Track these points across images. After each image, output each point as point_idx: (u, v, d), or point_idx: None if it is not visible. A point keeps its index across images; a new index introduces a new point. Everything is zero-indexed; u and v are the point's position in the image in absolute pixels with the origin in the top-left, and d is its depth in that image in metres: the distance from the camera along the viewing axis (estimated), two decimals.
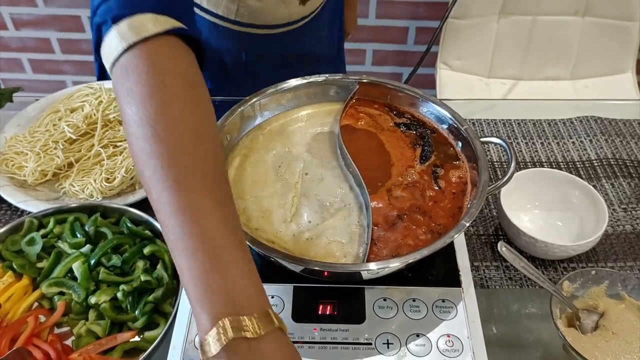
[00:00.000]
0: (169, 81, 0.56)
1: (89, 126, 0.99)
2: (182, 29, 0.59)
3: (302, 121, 0.88)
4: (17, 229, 0.84)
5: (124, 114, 0.56)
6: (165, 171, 0.52)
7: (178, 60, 0.59)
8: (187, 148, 0.54)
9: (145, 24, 0.57)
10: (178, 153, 0.53)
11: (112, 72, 0.58)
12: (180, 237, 0.51)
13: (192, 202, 0.51)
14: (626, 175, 1.01)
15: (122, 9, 0.57)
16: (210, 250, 0.50)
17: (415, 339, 0.68)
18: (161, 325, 0.74)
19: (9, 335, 0.71)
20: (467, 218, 0.68)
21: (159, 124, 0.53)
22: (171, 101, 0.55)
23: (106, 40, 0.58)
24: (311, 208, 0.75)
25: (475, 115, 1.15)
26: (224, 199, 0.55)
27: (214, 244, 0.51)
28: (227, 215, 0.53)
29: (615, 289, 0.75)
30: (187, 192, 0.52)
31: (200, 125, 0.56)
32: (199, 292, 0.49)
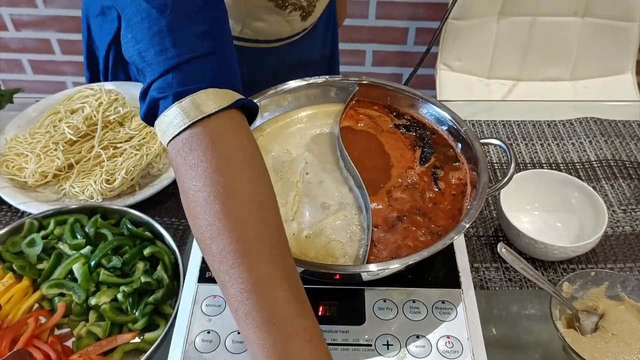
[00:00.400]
0: (233, 155, 0.57)
1: (89, 127, 0.99)
2: (240, 100, 0.60)
3: (302, 122, 0.89)
4: (17, 231, 0.84)
5: (186, 189, 0.56)
6: (234, 246, 0.53)
7: (238, 132, 0.59)
8: (255, 222, 0.55)
9: (207, 101, 0.57)
10: (247, 228, 0.54)
11: (171, 146, 0.58)
12: (252, 309, 0.51)
13: (261, 277, 0.52)
14: (626, 176, 1.01)
15: (184, 85, 0.57)
16: (280, 323, 0.51)
17: (415, 340, 0.68)
18: (161, 327, 0.74)
19: (9, 336, 0.72)
20: (467, 219, 0.68)
21: (228, 199, 0.54)
22: (238, 175, 0.56)
23: (166, 115, 0.57)
24: (312, 207, 0.75)
25: (475, 116, 1.16)
26: (290, 269, 0.55)
27: (284, 316, 0.52)
28: (293, 286, 0.54)
29: (615, 290, 0.76)
30: (256, 266, 0.53)
31: (265, 197, 0.57)
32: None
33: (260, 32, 1.03)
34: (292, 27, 1.06)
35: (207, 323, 0.69)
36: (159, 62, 0.58)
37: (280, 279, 0.53)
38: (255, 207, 0.55)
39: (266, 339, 0.51)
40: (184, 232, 0.90)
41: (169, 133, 0.57)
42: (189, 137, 0.56)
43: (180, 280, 0.76)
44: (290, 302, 0.53)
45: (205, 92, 0.57)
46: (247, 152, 0.59)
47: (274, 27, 1.03)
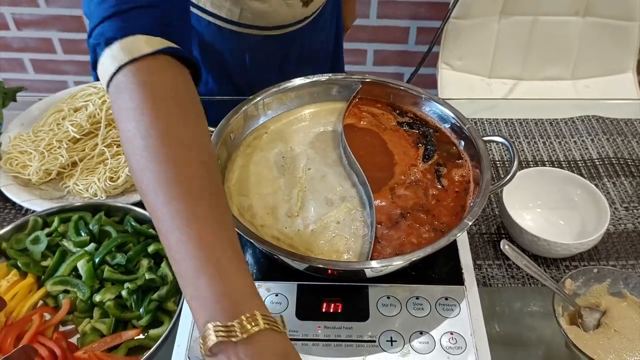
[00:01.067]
0: (158, 95, 0.58)
1: (93, 125, 1.00)
2: (173, 48, 0.61)
3: (306, 120, 0.89)
4: (21, 228, 0.84)
5: (120, 131, 0.58)
6: (158, 182, 0.54)
7: (166, 73, 0.60)
8: (178, 158, 0.56)
9: (137, 45, 0.58)
10: (170, 164, 0.55)
11: (108, 92, 0.60)
12: (177, 241, 0.53)
13: (183, 210, 0.53)
14: (628, 174, 1.01)
15: (115, 32, 0.59)
16: (204, 253, 0.52)
17: (419, 336, 0.68)
18: (165, 323, 0.75)
19: (14, 333, 0.72)
20: (470, 217, 0.69)
21: (150, 137, 0.55)
22: (161, 115, 0.57)
23: (100, 62, 0.59)
24: (316, 202, 0.76)
25: (477, 114, 1.16)
26: (216, 204, 0.56)
27: (207, 246, 0.53)
28: (220, 219, 0.55)
29: (617, 287, 0.76)
30: (179, 199, 0.54)
31: (191, 136, 0.58)
32: (191, 293, 0.52)
33: (260, 16, 1.03)
34: (293, 14, 1.06)
35: None
36: (98, 11, 0.60)
37: (204, 211, 0.54)
38: (178, 145, 0.56)
39: (190, 269, 0.52)
40: None
41: (105, 80, 0.59)
42: (118, 81, 0.58)
43: None
44: (214, 233, 0.54)
45: (135, 37, 0.59)
46: (175, 92, 0.59)
47: (274, 11, 1.03)
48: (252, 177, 0.80)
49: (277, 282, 0.73)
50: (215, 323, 0.50)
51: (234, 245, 0.55)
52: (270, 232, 0.73)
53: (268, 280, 0.73)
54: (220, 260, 0.53)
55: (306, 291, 0.72)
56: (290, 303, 0.71)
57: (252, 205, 0.75)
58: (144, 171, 0.55)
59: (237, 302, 0.51)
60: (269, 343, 0.51)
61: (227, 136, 0.81)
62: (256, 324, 0.50)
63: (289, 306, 0.71)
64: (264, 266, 0.75)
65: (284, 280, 0.73)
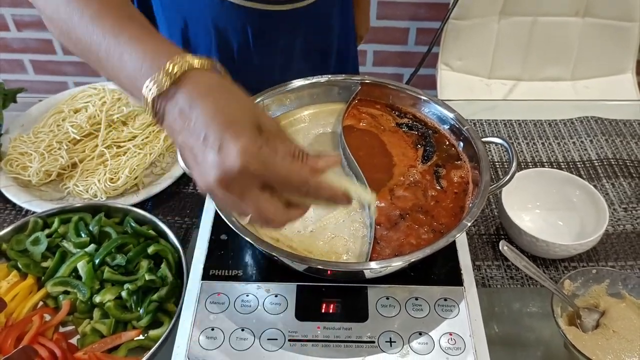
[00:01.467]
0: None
1: (93, 127, 1.00)
2: None
3: (305, 121, 0.89)
4: (21, 229, 0.85)
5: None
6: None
7: None
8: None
9: None
10: None
11: None
12: (99, 41, 0.56)
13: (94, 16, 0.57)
14: (626, 175, 1.02)
15: None
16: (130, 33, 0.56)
17: (418, 337, 0.68)
18: (165, 324, 0.75)
19: (14, 333, 0.72)
20: (469, 217, 0.69)
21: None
22: None
23: None
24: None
25: (477, 115, 1.16)
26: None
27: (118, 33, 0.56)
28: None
29: (616, 287, 0.76)
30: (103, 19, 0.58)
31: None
32: (123, 77, 0.55)
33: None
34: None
35: (210, 320, 0.70)
36: None
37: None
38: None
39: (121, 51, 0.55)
40: (188, 231, 0.91)
41: None
42: None
43: (184, 278, 0.77)
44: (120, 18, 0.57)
45: None
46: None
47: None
48: None
49: (277, 283, 0.73)
50: (146, 84, 0.51)
51: (143, 26, 0.58)
52: (269, 233, 0.73)
53: (267, 281, 0.73)
54: (133, 36, 0.55)
55: (305, 292, 0.72)
56: (290, 304, 0.71)
57: None
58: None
59: (160, 54, 0.53)
60: (205, 78, 0.52)
61: None
62: (184, 65, 0.51)
63: (288, 307, 0.71)
64: (264, 267, 0.75)
65: (284, 281, 0.73)
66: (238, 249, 0.77)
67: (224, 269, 0.75)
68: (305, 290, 0.72)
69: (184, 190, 0.98)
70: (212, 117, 0.50)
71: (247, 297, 0.72)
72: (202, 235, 0.79)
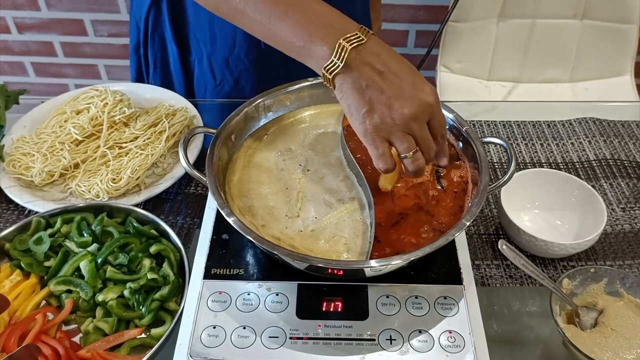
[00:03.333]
0: None
1: (95, 127, 1.01)
2: None
3: (306, 122, 0.90)
4: (24, 229, 0.85)
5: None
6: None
7: None
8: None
9: None
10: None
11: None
12: (268, 15, 0.67)
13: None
14: (624, 175, 1.02)
15: None
16: (294, 9, 0.66)
17: (418, 335, 0.69)
18: (167, 323, 0.76)
19: (18, 332, 0.73)
20: (468, 217, 0.70)
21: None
22: None
23: None
24: (316, 204, 0.77)
25: (476, 116, 1.17)
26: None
27: (293, 2, 0.67)
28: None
29: (614, 286, 0.77)
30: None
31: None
32: (303, 39, 0.66)
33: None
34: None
35: (212, 318, 0.70)
36: None
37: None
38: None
39: (292, 24, 0.66)
40: (189, 230, 0.91)
41: None
42: None
43: (186, 277, 0.77)
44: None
45: None
46: None
47: None
48: (252, 178, 0.81)
49: (278, 281, 0.74)
50: (344, 36, 0.64)
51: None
52: (270, 232, 0.73)
53: (269, 280, 0.74)
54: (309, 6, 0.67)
55: (306, 290, 0.73)
56: (291, 302, 0.72)
57: (253, 206, 0.76)
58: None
59: (343, 21, 0.67)
60: (380, 41, 0.67)
61: (228, 137, 0.82)
62: (367, 32, 0.66)
63: (289, 305, 0.71)
64: (265, 266, 0.76)
65: (285, 280, 0.74)
66: (239, 248, 0.78)
67: (225, 267, 0.75)
68: (306, 289, 0.73)
69: (186, 190, 0.99)
70: (402, 67, 0.66)
71: (249, 296, 0.72)
72: (204, 234, 0.80)
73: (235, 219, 0.68)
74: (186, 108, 1.08)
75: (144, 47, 1.20)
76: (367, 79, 0.64)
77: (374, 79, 0.64)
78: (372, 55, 0.65)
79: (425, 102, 0.65)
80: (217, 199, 0.70)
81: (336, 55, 0.64)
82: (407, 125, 0.65)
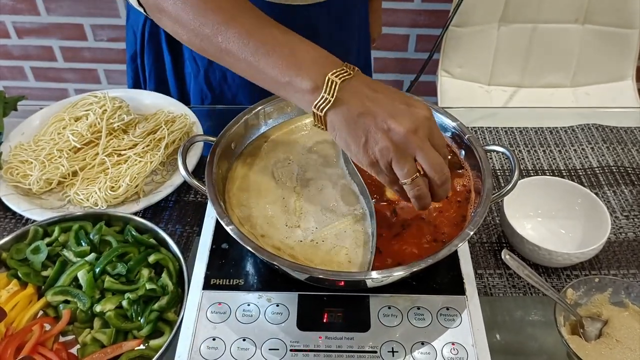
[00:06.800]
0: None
1: (94, 135, 1.00)
2: None
3: (306, 129, 0.89)
4: (22, 238, 0.84)
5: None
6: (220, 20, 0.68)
7: None
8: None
9: None
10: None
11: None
12: (256, 47, 0.66)
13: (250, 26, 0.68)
14: (628, 182, 1.01)
15: None
16: (279, 46, 0.66)
17: (420, 347, 0.68)
18: (166, 334, 0.74)
19: (14, 343, 0.72)
20: (471, 226, 0.69)
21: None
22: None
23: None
24: (316, 213, 0.76)
25: (477, 122, 1.16)
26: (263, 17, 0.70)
27: (278, 40, 0.67)
28: (266, 20, 0.69)
29: (619, 296, 0.76)
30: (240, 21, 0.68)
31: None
32: (289, 74, 0.65)
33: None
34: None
35: (212, 330, 0.70)
36: None
37: (266, 22, 0.69)
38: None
39: (275, 60, 0.65)
40: (188, 239, 0.90)
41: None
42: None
43: (185, 287, 0.76)
44: (279, 29, 0.69)
45: None
46: None
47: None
48: (252, 187, 0.80)
49: (278, 292, 0.73)
50: (332, 71, 0.63)
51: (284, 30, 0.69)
52: (270, 242, 0.73)
53: (269, 290, 0.73)
54: (294, 42, 0.67)
55: (307, 301, 0.72)
56: (292, 313, 0.71)
57: (252, 215, 0.76)
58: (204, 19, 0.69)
59: (328, 57, 0.67)
60: (366, 76, 0.67)
61: (228, 145, 0.81)
62: (352, 68, 0.65)
63: (290, 316, 0.71)
64: (265, 276, 0.75)
65: (285, 290, 0.73)
66: (239, 258, 0.77)
67: (225, 278, 0.75)
68: (306, 300, 0.72)
69: (185, 198, 0.98)
70: (392, 91, 0.66)
71: (249, 307, 0.72)
72: (203, 244, 0.79)
73: (234, 228, 0.67)
74: (186, 115, 1.07)
75: (141, 57, 1.19)
76: (359, 108, 0.63)
77: (365, 105, 0.63)
78: (361, 86, 0.64)
79: (421, 116, 0.63)
80: (216, 208, 0.70)
81: (326, 90, 0.63)
82: (408, 142, 0.62)
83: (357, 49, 1.25)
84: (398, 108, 0.63)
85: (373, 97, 0.64)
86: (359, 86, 0.64)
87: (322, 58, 0.66)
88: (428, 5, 2.07)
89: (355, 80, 0.64)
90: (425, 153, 0.63)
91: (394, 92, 0.66)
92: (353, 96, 0.63)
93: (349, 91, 0.63)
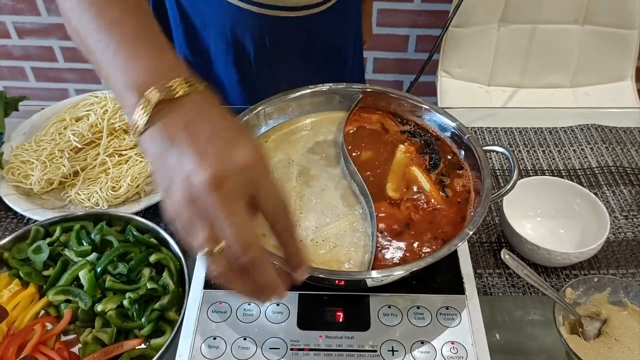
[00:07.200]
0: None
1: (94, 135, 1.00)
2: None
3: (306, 130, 0.89)
4: (23, 237, 0.85)
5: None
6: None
7: None
8: None
9: None
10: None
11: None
12: (98, 41, 0.55)
13: (105, 16, 0.56)
14: (627, 182, 1.02)
15: None
16: (123, 38, 0.54)
17: (420, 346, 0.68)
18: (167, 333, 0.75)
19: (16, 343, 0.72)
20: (471, 226, 0.69)
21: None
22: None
23: None
24: (316, 213, 0.76)
25: (477, 123, 1.16)
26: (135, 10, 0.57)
27: (125, 33, 0.54)
28: (139, 17, 0.57)
29: (618, 296, 0.76)
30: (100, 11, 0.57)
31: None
32: (120, 74, 0.53)
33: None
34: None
35: (213, 329, 0.70)
36: None
37: (120, 14, 0.56)
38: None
39: (113, 54, 0.54)
40: None
41: None
42: None
43: (186, 286, 0.77)
44: (130, 21, 0.56)
45: None
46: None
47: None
48: None
49: None
50: (154, 86, 0.49)
51: (154, 29, 0.57)
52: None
53: None
54: (142, 41, 0.54)
55: (307, 301, 0.72)
56: (292, 313, 0.71)
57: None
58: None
59: (170, 66, 0.53)
60: (207, 99, 0.52)
61: None
62: (192, 84, 0.51)
63: (290, 316, 0.71)
64: None
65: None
66: None
67: None
68: (307, 299, 0.72)
69: None
70: (227, 119, 0.52)
71: (249, 306, 0.72)
72: None
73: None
74: None
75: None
76: (170, 137, 0.49)
77: (177, 135, 0.48)
78: (188, 107, 0.50)
79: (238, 162, 0.47)
80: None
81: (143, 109, 0.49)
82: (207, 197, 0.46)
83: (353, 56, 1.26)
84: (213, 144, 0.48)
85: (193, 124, 0.49)
86: (184, 107, 0.50)
87: (160, 66, 0.53)
88: (428, 6, 2.08)
89: (188, 99, 0.50)
90: (225, 218, 0.47)
91: (225, 122, 0.51)
92: (171, 121, 0.49)
93: (168, 114, 0.49)
